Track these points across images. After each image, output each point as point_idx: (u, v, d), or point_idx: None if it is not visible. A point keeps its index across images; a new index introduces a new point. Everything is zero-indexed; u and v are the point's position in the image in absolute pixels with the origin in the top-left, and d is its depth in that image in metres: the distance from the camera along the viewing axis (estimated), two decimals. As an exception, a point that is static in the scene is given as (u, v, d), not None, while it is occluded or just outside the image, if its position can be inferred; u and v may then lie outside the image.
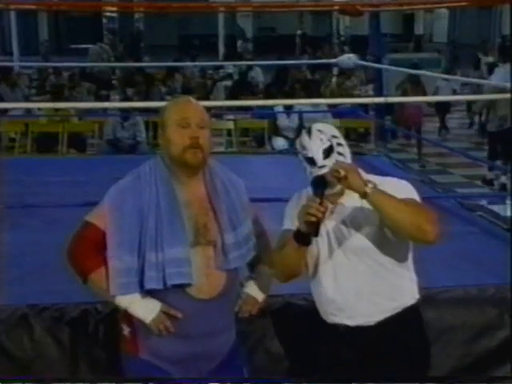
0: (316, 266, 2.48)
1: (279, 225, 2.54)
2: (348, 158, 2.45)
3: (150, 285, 2.29)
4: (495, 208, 5.27)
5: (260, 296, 2.54)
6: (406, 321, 2.45)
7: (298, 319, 3.07)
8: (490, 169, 8.93)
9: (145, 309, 2.31)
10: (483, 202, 5.32)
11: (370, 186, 2.27)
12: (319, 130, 2.43)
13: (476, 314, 3.31)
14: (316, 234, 2.28)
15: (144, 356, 2.37)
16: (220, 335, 2.41)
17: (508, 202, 5.56)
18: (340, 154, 2.42)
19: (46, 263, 3.43)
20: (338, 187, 2.39)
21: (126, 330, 2.40)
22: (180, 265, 2.28)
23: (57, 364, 3.07)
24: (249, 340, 3.01)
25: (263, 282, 2.54)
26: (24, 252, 3.74)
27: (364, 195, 2.27)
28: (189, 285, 2.30)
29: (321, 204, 2.24)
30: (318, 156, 2.39)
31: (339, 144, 2.43)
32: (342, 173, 2.26)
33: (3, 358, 3.04)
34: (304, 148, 2.43)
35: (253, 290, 2.54)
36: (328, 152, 2.39)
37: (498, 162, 8.83)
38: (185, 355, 2.36)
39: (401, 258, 2.44)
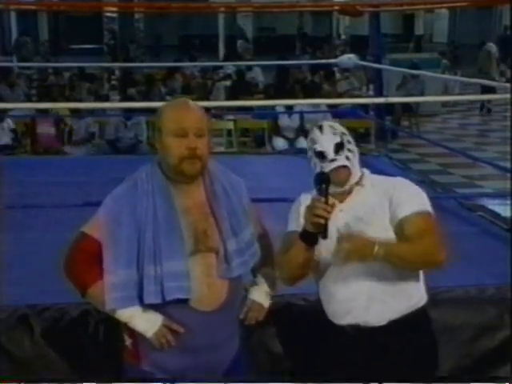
0: (323, 266, 2.43)
1: (280, 225, 2.52)
2: (356, 156, 2.45)
3: (148, 299, 2.22)
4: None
5: (266, 301, 2.45)
6: (416, 321, 2.43)
7: (298, 319, 3.07)
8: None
9: (146, 323, 2.24)
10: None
11: (375, 247, 2.22)
12: (331, 126, 2.46)
13: (476, 314, 3.31)
14: (325, 235, 2.23)
15: (146, 367, 2.31)
16: (224, 346, 2.34)
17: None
18: (350, 150, 2.42)
19: (46, 263, 3.43)
20: (347, 186, 2.40)
21: (128, 341, 2.33)
22: (179, 279, 2.21)
23: (57, 364, 3.08)
24: (249, 340, 3.01)
25: (268, 286, 2.46)
26: (24, 252, 3.74)
27: (374, 259, 2.24)
28: (188, 299, 2.23)
29: (326, 203, 2.20)
30: (330, 150, 2.38)
31: (349, 141, 2.44)
32: (347, 247, 2.21)
33: (3, 358, 3.04)
34: (314, 142, 2.42)
35: (258, 295, 2.44)
36: (339, 147, 2.39)
37: None
38: (188, 367, 2.30)
39: None
